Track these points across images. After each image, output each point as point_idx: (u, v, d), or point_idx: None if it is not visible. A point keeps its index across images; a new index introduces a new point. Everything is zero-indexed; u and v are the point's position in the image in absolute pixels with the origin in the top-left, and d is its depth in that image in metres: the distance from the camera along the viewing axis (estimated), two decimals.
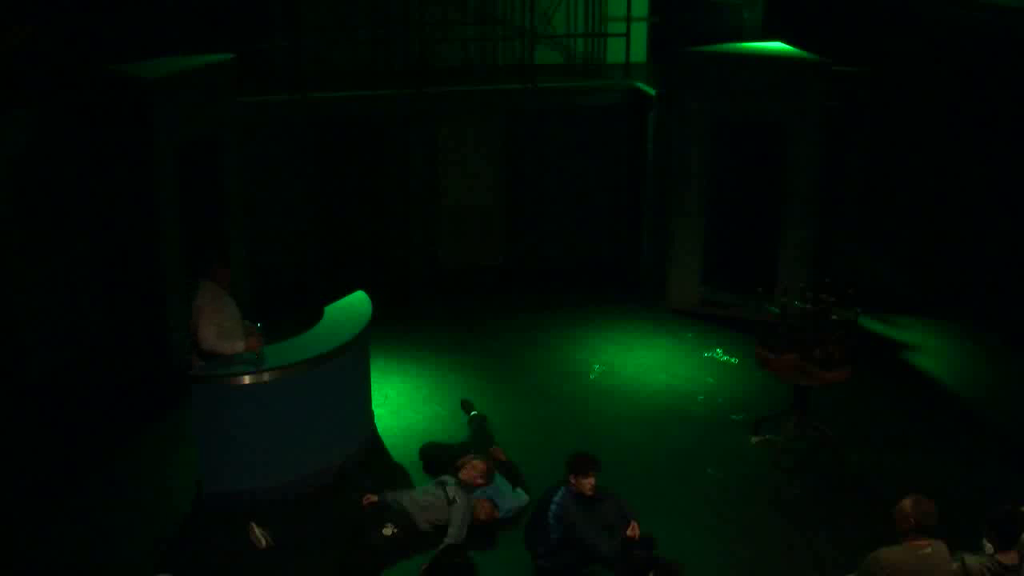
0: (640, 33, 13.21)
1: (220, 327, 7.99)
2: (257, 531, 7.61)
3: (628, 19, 12.69)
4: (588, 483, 7.29)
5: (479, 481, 7.99)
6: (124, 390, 9.85)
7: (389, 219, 12.57)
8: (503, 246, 13.10)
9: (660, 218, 11.90)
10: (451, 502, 7.77)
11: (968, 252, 11.89)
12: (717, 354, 10.81)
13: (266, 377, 7.99)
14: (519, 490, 8.27)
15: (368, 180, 12.46)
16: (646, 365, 10.60)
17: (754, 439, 9.15)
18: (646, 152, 12.17)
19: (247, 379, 7.94)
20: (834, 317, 8.52)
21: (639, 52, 13.19)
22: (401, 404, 9.78)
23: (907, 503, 5.78)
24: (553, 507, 7.38)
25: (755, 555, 7.68)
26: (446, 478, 8.01)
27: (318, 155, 12.25)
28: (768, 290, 9.57)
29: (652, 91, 11.93)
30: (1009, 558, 5.92)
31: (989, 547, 5.98)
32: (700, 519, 8.11)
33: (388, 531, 7.66)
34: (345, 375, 8.57)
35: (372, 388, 9.35)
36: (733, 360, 10.66)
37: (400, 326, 11.12)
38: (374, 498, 7.81)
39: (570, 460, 7.36)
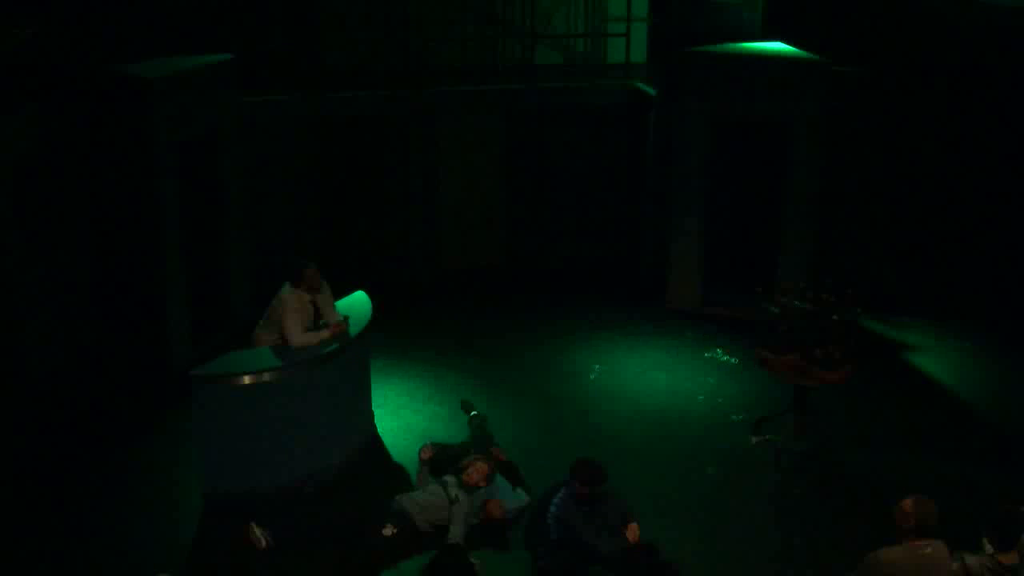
0: (640, 33, 13.19)
1: (304, 325, 8.34)
2: (257, 531, 7.61)
3: (628, 19, 12.69)
4: (597, 490, 7.31)
5: (481, 483, 7.99)
6: (124, 391, 9.85)
7: (389, 219, 12.56)
8: (503, 246, 13.09)
9: (660, 218, 11.89)
10: (453, 502, 7.77)
11: (968, 252, 11.88)
12: (717, 354, 10.81)
13: (266, 377, 8.00)
14: (519, 490, 8.27)
15: (368, 180, 12.45)
16: (646, 365, 10.60)
17: (754, 439, 9.15)
18: (646, 152, 12.17)
19: (247, 379, 7.95)
20: (834, 317, 8.52)
21: (639, 52, 13.17)
22: (401, 404, 9.77)
23: (907, 503, 5.78)
24: (553, 508, 7.39)
25: (755, 555, 7.69)
26: (447, 478, 8.01)
27: (318, 155, 12.23)
28: (768, 290, 9.55)
29: (652, 91, 11.92)
30: (1009, 558, 5.92)
31: (989, 547, 5.98)
32: (700, 519, 8.11)
33: (388, 531, 7.67)
34: (345, 375, 8.58)
35: (372, 388, 9.36)
36: (733, 360, 10.66)
37: (400, 326, 11.11)
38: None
39: (581, 471, 7.31)
